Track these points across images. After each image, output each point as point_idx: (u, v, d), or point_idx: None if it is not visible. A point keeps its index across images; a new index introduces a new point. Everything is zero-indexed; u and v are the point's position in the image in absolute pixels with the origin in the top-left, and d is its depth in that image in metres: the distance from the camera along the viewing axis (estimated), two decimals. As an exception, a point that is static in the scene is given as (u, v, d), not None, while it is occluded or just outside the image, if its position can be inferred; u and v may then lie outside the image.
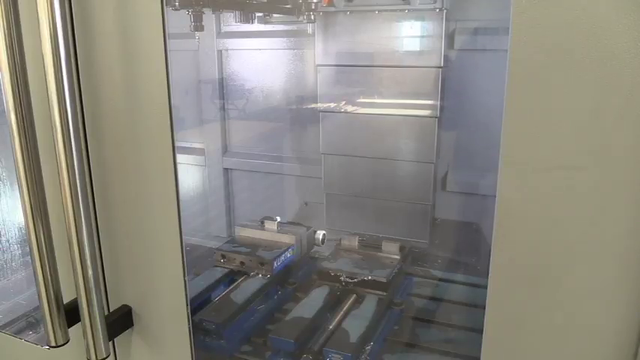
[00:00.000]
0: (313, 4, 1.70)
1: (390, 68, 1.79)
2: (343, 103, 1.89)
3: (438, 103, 1.73)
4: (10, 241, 1.50)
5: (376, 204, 1.94)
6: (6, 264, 1.52)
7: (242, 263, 1.56)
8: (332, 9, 1.76)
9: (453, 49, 1.74)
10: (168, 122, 0.80)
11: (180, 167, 0.83)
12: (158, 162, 0.83)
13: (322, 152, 1.96)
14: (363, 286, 1.45)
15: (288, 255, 1.60)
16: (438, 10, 1.65)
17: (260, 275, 1.53)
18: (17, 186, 0.79)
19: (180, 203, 0.84)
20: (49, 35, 0.71)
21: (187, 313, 0.90)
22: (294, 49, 2.02)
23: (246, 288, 1.47)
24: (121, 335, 0.95)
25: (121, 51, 0.79)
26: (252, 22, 1.82)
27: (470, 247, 1.82)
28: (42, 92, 0.73)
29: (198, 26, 1.61)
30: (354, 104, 1.88)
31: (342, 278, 1.47)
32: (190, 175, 2.34)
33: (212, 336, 1.30)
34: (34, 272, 0.82)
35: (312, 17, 1.76)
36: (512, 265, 0.68)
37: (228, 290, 1.47)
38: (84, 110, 0.85)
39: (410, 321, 1.45)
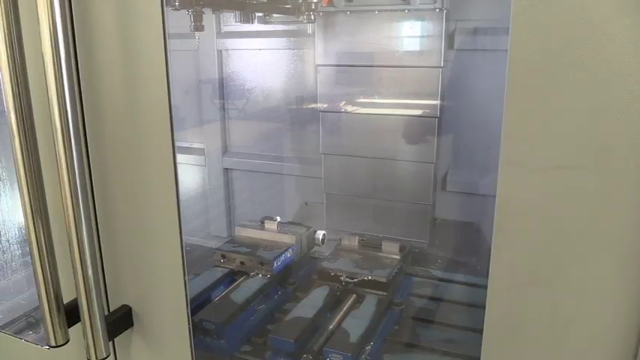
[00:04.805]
0: (313, 4, 1.70)
1: (390, 68, 1.79)
2: (343, 103, 1.89)
3: (438, 103, 1.73)
4: (10, 241, 1.50)
5: (376, 204, 1.94)
6: (6, 264, 1.52)
7: (242, 263, 1.56)
8: (332, 9, 1.76)
9: (453, 49, 1.74)
10: (168, 122, 0.80)
11: (180, 167, 0.83)
12: (158, 162, 0.83)
13: (322, 152, 1.96)
14: (363, 286, 1.45)
15: (288, 255, 1.60)
16: (438, 10, 1.65)
17: (260, 275, 1.53)
18: (17, 186, 0.79)
19: (180, 203, 0.84)
20: (49, 35, 0.71)
21: (187, 313, 0.90)
22: (294, 49, 2.02)
23: (246, 288, 1.47)
24: (121, 335, 0.95)
25: (121, 51, 0.79)
26: (252, 22, 1.82)
27: (470, 247, 1.82)
28: (42, 92, 0.73)
29: (198, 26, 1.61)
30: (354, 104, 1.88)
31: (342, 278, 1.47)
32: (190, 175, 2.34)
33: (212, 336, 1.30)
34: (34, 272, 0.82)
35: (312, 17, 1.76)
36: (512, 265, 0.68)
37: (228, 290, 1.47)
38: (84, 110, 0.85)
39: (410, 321, 1.45)
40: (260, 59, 2.11)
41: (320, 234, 1.72)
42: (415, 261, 1.75)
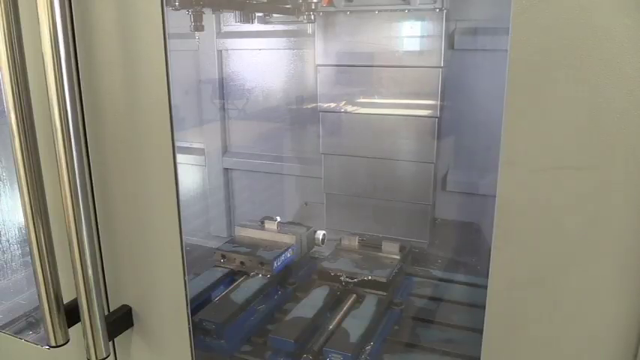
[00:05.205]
0: (313, 4, 1.70)
1: (390, 68, 1.79)
2: (343, 103, 1.89)
3: (438, 103, 1.73)
4: (10, 241, 1.50)
5: (376, 204, 1.94)
6: (6, 264, 1.52)
7: (242, 263, 1.56)
8: (332, 9, 1.76)
9: (453, 49, 1.74)
10: (169, 122, 0.80)
11: (180, 167, 0.83)
12: (158, 162, 0.83)
13: (322, 152, 1.96)
14: (363, 286, 1.45)
15: (288, 255, 1.60)
16: (438, 10, 1.65)
17: (260, 275, 1.53)
18: (17, 186, 0.79)
19: (180, 203, 0.84)
20: (49, 35, 0.71)
21: (187, 313, 0.90)
22: (294, 49, 2.02)
23: (246, 288, 1.47)
24: (121, 335, 0.95)
25: (121, 51, 0.79)
26: (252, 22, 1.82)
27: (470, 247, 1.82)
28: (42, 92, 0.73)
29: (198, 26, 1.61)
30: (354, 104, 1.88)
31: (342, 278, 1.47)
32: (190, 175, 2.34)
33: (212, 336, 1.30)
34: (34, 272, 0.82)
35: (312, 17, 1.76)
36: (512, 265, 0.68)
37: (228, 290, 1.47)
38: (84, 110, 0.85)
39: (410, 321, 1.45)
40: (260, 59, 2.11)
41: (320, 234, 1.72)
42: (415, 261, 1.75)
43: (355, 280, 1.46)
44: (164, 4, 0.74)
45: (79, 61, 0.82)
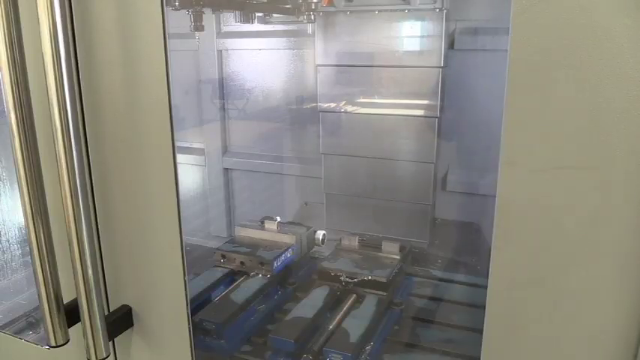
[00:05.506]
0: (313, 4, 1.70)
1: (390, 68, 1.79)
2: (343, 103, 1.89)
3: (438, 103, 1.73)
4: (10, 241, 1.50)
5: (376, 204, 1.94)
6: (6, 264, 1.52)
7: (242, 263, 1.56)
8: (332, 9, 1.77)
9: (453, 49, 1.74)
10: (169, 122, 0.80)
11: (180, 167, 0.83)
12: (158, 162, 0.83)
13: (322, 152, 1.96)
14: (363, 286, 1.45)
15: (288, 255, 1.60)
16: (438, 10, 1.65)
17: (260, 275, 1.53)
18: (17, 186, 0.79)
19: (180, 203, 0.84)
20: (49, 35, 0.71)
21: (187, 313, 0.90)
22: (294, 49, 2.02)
23: (246, 288, 1.47)
24: (121, 335, 0.95)
25: (121, 51, 0.79)
26: (252, 22, 1.82)
27: (470, 247, 1.82)
28: (42, 92, 0.73)
29: (198, 26, 1.61)
30: (354, 104, 1.88)
31: (342, 278, 1.47)
32: (190, 175, 2.34)
33: (212, 336, 1.30)
34: (34, 272, 0.82)
35: (312, 17, 1.76)
36: (512, 265, 0.68)
37: (228, 290, 1.47)
38: (84, 110, 0.85)
39: (410, 321, 1.45)
40: (260, 59, 2.11)
41: (320, 234, 1.72)
42: (415, 261, 1.75)
43: (355, 280, 1.46)
44: (164, 4, 0.74)
45: (79, 61, 0.82)
